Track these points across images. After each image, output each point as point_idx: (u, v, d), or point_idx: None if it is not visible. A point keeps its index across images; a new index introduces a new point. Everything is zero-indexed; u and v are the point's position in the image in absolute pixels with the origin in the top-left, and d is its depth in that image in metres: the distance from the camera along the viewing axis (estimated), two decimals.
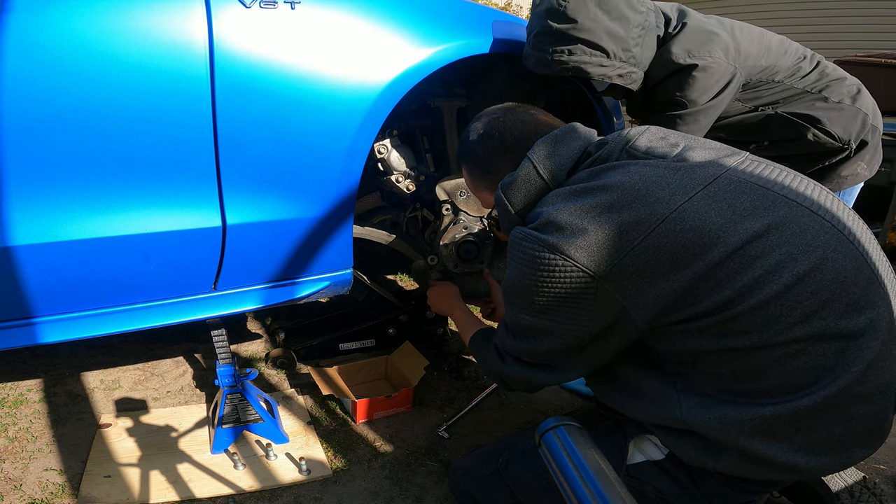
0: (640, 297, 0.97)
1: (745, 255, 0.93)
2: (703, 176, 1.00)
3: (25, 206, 1.23)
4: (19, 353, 1.95)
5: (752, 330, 0.93)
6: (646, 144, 1.09)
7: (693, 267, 0.94)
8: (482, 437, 1.68)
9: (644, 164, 1.04)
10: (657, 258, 0.95)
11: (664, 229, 0.95)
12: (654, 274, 0.95)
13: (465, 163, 1.31)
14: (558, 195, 1.08)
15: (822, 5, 7.79)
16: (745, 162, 1.04)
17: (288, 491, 1.44)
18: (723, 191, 0.98)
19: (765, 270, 0.92)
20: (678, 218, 0.95)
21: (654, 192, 0.98)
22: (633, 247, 0.96)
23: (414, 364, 1.84)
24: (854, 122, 1.65)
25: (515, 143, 1.20)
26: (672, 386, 1.02)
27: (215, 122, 1.32)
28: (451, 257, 1.83)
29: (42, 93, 1.18)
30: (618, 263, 0.96)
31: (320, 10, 1.39)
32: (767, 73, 1.63)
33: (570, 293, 1.00)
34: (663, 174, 1.01)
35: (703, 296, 0.94)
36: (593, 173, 1.08)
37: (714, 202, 0.96)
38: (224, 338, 1.65)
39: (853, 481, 1.27)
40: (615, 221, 0.98)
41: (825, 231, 0.95)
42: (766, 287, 0.91)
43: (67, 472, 1.45)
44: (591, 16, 1.45)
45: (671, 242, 0.94)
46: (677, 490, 1.08)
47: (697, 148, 1.07)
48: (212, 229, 1.40)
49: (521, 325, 1.10)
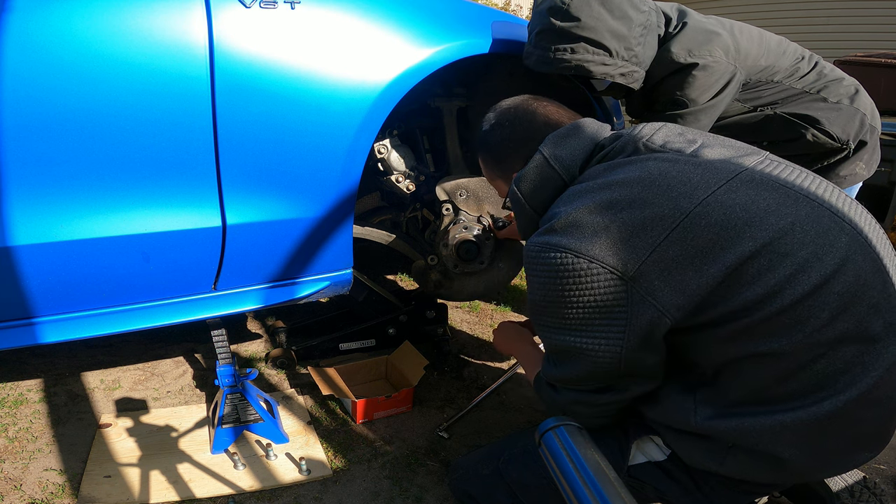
0: (671, 297, 0.93)
1: (774, 251, 0.90)
2: (725, 171, 0.97)
3: (25, 206, 1.23)
4: (19, 353, 1.94)
5: (780, 332, 0.90)
6: (662, 139, 1.06)
7: (723, 260, 0.90)
8: (482, 437, 1.68)
9: (662, 159, 1.01)
10: (685, 253, 0.92)
11: (689, 224, 0.92)
12: (684, 270, 0.92)
13: (479, 152, 1.29)
14: (574, 193, 1.04)
15: (822, 5, 7.80)
16: (765, 161, 1.02)
17: (288, 491, 1.44)
18: (745, 186, 0.95)
19: (794, 269, 0.89)
20: (703, 212, 0.92)
21: (676, 187, 0.95)
22: (660, 243, 0.92)
23: (414, 364, 1.84)
24: (852, 122, 1.65)
25: (526, 134, 1.18)
26: (692, 395, 1.00)
27: (215, 122, 1.32)
28: (451, 257, 1.83)
29: (42, 93, 1.18)
30: (646, 261, 0.93)
31: (320, 10, 1.40)
32: (766, 74, 1.63)
33: (599, 300, 0.95)
34: (684, 168, 0.98)
35: (734, 293, 0.90)
36: (609, 168, 1.05)
37: (738, 196, 0.94)
38: (224, 338, 1.65)
39: (853, 481, 1.27)
40: (638, 218, 0.94)
41: (845, 233, 0.93)
42: (796, 286, 0.89)
43: (67, 472, 1.45)
44: (594, 14, 1.45)
45: (698, 237, 0.91)
46: (678, 491, 1.08)
47: (715, 145, 1.05)
48: (212, 229, 1.40)
49: (555, 347, 1.05)
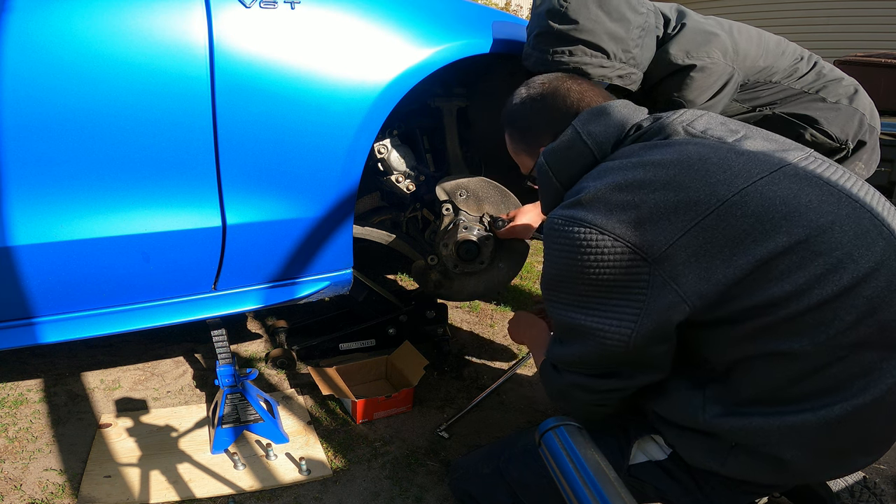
0: (694, 285, 0.90)
1: (808, 248, 0.88)
2: (768, 163, 0.95)
3: (25, 205, 1.23)
4: (19, 353, 1.94)
5: (803, 332, 0.88)
6: (704, 125, 1.04)
7: (754, 252, 0.88)
8: (482, 437, 1.68)
9: (702, 144, 0.98)
10: (715, 241, 0.89)
11: (724, 212, 0.89)
12: (712, 258, 0.89)
13: (506, 125, 1.27)
14: (606, 169, 1.01)
15: (822, 5, 7.81)
16: (809, 158, 1.00)
17: (288, 491, 1.44)
18: (788, 180, 0.93)
19: (826, 269, 0.87)
20: (740, 201, 0.90)
21: (715, 173, 0.92)
22: (690, 228, 0.89)
23: (414, 364, 1.84)
24: (851, 122, 1.65)
25: (559, 110, 1.16)
26: (701, 391, 0.98)
27: (215, 122, 1.32)
28: (451, 257, 1.83)
29: (42, 93, 1.18)
30: (673, 245, 0.90)
31: (320, 10, 1.40)
32: (765, 74, 1.63)
33: (618, 280, 0.92)
34: (725, 156, 0.95)
35: (759, 287, 0.88)
36: (646, 148, 1.02)
37: (779, 189, 0.91)
38: (224, 338, 1.65)
39: (853, 481, 1.27)
40: (671, 200, 0.91)
41: (883, 237, 0.91)
42: (825, 286, 0.87)
43: (67, 472, 1.45)
44: (592, 17, 1.45)
45: (731, 225, 0.89)
46: (679, 490, 1.07)
47: (758, 137, 1.03)
48: (212, 229, 1.40)
49: (564, 326, 1.02)
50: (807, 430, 0.90)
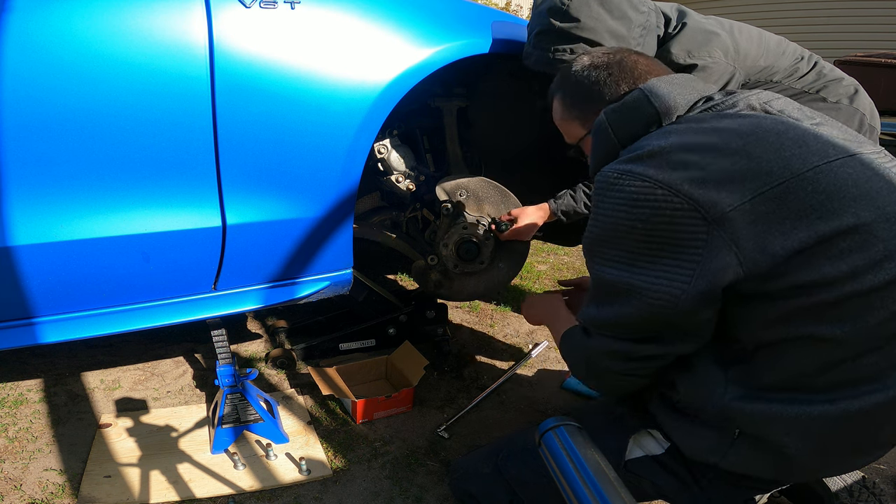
0: (751, 252, 0.87)
1: (870, 232, 0.86)
2: (843, 148, 0.93)
3: (25, 205, 1.23)
4: (19, 353, 1.94)
5: (846, 317, 0.86)
6: (780, 106, 1.03)
7: (816, 228, 0.86)
8: (482, 437, 1.68)
9: (779, 121, 0.97)
10: (778, 212, 0.87)
11: (795, 185, 0.88)
12: (771, 228, 0.87)
13: (561, 91, 1.23)
14: (671, 130, 0.98)
15: (822, 5, 7.81)
16: (881, 153, 0.99)
17: (288, 491, 1.44)
18: (861, 166, 0.91)
19: (883, 256, 0.86)
20: (813, 177, 0.88)
21: (790, 147, 0.91)
22: (757, 195, 0.87)
23: (414, 364, 1.84)
24: (851, 122, 1.65)
25: (622, 79, 1.14)
26: (724, 372, 0.96)
27: (215, 122, 1.32)
28: (451, 257, 1.83)
29: (42, 93, 1.18)
30: (736, 208, 0.87)
31: (320, 10, 1.40)
32: (766, 74, 1.63)
33: (674, 237, 0.89)
34: (801, 134, 0.94)
35: (813, 265, 0.86)
36: (718, 116, 0.99)
37: (852, 172, 0.90)
38: (224, 338, 1.65)
39: (852, 481, 1.27)
40: (741, 167, 0.89)
41: None
42: (878, 273, 0.85)
43: (67, 472, 1.45)
44: (593, 15, 1.45)
45: (799, 199, 0.87)
46: (676, 485, 1.07)
47: (834, 127, 1.02)
48: (212, 229, 1.40)
49: (606, 285, 0.98)
50: (821, 423, 0.89)
